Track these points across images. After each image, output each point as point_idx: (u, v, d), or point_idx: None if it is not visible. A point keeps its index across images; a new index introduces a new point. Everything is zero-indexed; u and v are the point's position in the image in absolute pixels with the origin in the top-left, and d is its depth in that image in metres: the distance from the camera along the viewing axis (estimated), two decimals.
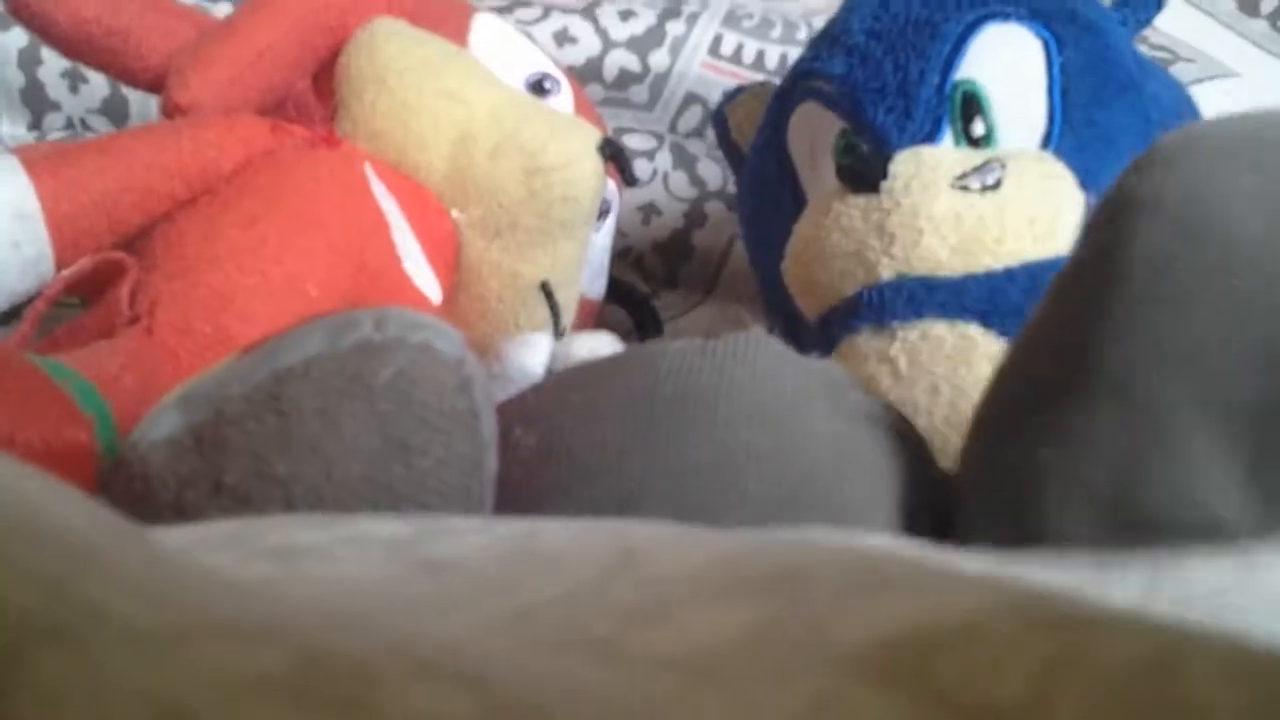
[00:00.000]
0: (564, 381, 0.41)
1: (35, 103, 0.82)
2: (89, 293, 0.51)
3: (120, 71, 0.59)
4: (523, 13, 0.84)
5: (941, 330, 0.51)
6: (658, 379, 0.38)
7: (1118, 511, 0.31)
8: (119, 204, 0.51)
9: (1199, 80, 0.83)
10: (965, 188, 0.52)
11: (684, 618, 0.22)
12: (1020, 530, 0.33)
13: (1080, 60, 0.58)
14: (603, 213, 0.64)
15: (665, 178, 0.84)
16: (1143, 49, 0.84)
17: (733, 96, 0.75)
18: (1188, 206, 0.32)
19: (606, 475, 0.37)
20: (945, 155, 0.54)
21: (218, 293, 0.48)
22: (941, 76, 0.57)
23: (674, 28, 0.85)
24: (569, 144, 0.58)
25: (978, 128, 0.56)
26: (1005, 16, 0.58)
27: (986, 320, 0.51)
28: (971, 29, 0.57)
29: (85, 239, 0.50)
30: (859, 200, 0.54)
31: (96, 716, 0.17)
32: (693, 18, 0.86)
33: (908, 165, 0.53)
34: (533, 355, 0.45)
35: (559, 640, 0.21)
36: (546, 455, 0.39)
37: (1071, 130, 0.56)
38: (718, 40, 0.86)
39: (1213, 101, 0.82)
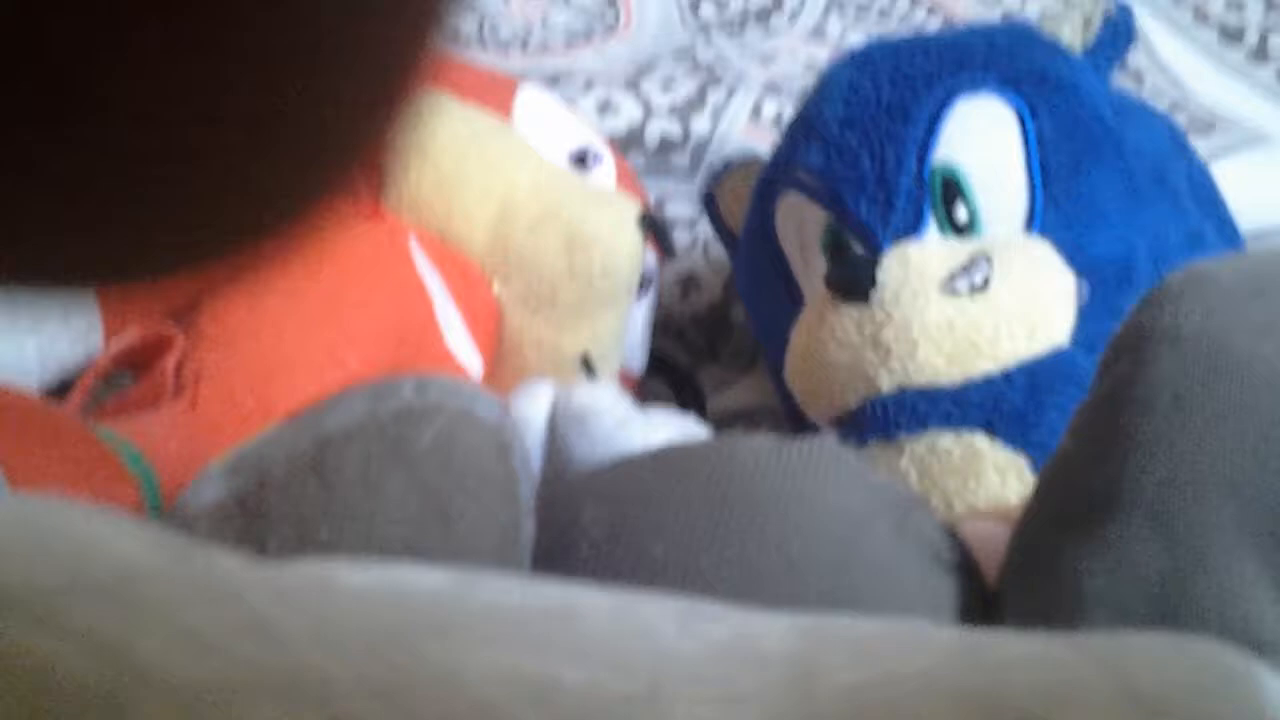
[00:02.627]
0: (641, 466, 0.42)
1: None
2: (137, 364, 0.52)
3: None
4: (566, 86, 0.86)
5: (948, 442, 0.52)
6: (731, 479, 0.39)
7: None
8: None
9: (1240, 147, 0.83)
10: (954, 291, 0.53)
11: None
12: None
13: (1056, 126, 0.58)
14: (643, 286, 0.65)
15: (705, 247, 0.85)
16: (1182, 117, 0.85)
17: (719, 175, 0.75)
18: (1203, 339, 0.35)
19: (672, 568, 0.38)
20: (931, 255, 0.54)
21: (260, 364, 0.50)
22: (919, 162, 0.56)
23: (715, 96, 0.86)
24: (608, 218, 0.59)
25: (961, 213, 0.56)
26: (975, 88, 0.58)
27: (991, 427, 0.52)
28: (943, 106, 0.57)
29: (133, 311, 0.52)
30: (851, 311, 0.54)
31: None
32: (732, 88, 0.87)
33: (895, 272, 0.53)
34: (533, 404, 0.45)
35: None
36: (616, 538, 0.39)
37: (1054, 205, 0.56)
38: (758, 106, 0.87)
39: (1252, 169, 0.82)
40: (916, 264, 0.53)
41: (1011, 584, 0.39)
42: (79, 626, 0.21)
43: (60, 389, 0.51)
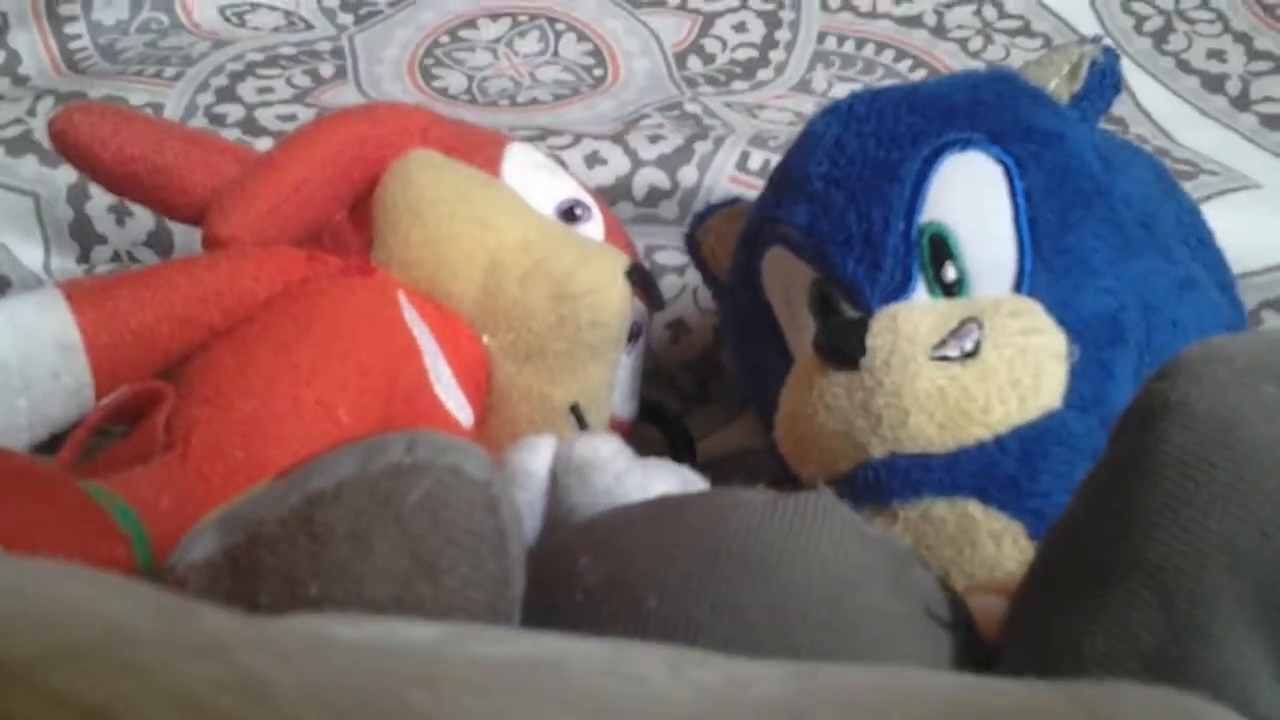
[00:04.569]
0: (636, 518, 0.43)
1: (83, 236, 0.85)
2: (128, 420, 0.53)
3: (163, 206, 0.62)
4: (554, 140, 0.86)
5: (942, 510, 0.52)
6: (725, 532, 0.40)
7: None
8: (157, 334, 0.53)
9: (1222, 192, 0.84)
10: (945, 357, 0.53)
11: None
12: None
13: (1044, 181, 0.57)
14: (633, 336, 0.66)
15: (694, 293, 0.85)
16: (1165, 162, 0.86)
17: (702, 219, 0.74)
18: (1213, 416, 0.35)
19: (665, 621, 0.39)
20: (921, 320, 0.54)
21: (250, 419, 0.50)
22: (906, 221, 0.56)
23: (702, 147, 0.87)
24: (596, 271, 0.60)
25: (949, 273, 0.56)
26: (963, 145, 0.57)
27: (985, 496, 0.51)
28: (930, 164, 0.57)
29: (124, 368, 0.52)
30: (840, 378, 0.54)
31: None
32: (720, 139, 0.87)
33: (884, 338, 0.53)
34: (535, 457, 0.46)
35: None
36: (610, 590, 0.40)
37: (1044, 263, 0.56)
38: (744, 157, 0.88)
39: (1235, 213, 0.82)
40: (906, 329, 0.53)
41: (1009, 643, 0.40)
42: (61, 690, 0.21)
43: (50, 444, 0.51)
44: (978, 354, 0.52)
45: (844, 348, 0.54)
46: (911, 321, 0.54)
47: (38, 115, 0.88)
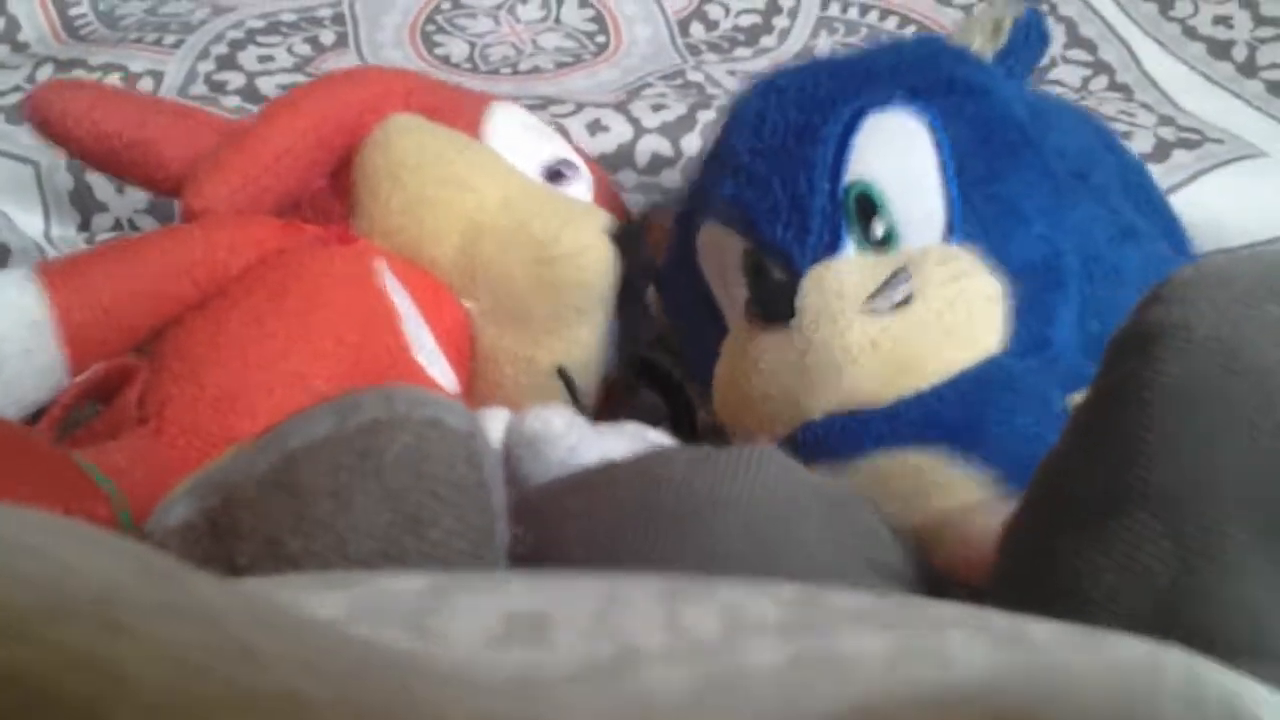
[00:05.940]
0: (567, 486, 0.43)
1: (84, 204, 0.85)
2: (103, 397, 0.53)
3: (143, 180, 0.62)
4: (556, 108, 0.86)
5: (886, 463, 0.51)
6: (656, 488, 0.40)
7: (1168, 632, 0.32)
8: (130, 308, 0.53)
9: (1227, 161, 0.83)
10: (876, 310, 0.52)
11: None
12: None
13: (968, 133, 0.57)
14: (631, 296, 0.64)
15: None
16: (1170, 129, 0.85)
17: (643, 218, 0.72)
18: (1214, 340, 0.34)
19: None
20: (849, 276, 0.53)
21: (224, 391, 0.50)
22: (831, 182, 0.56)
23: (704, 115, 0.87)
24: (577, 231, 0.59)
25: (878, 229, 0.55)
26: (883, 103, 0.57)
27: (925, 443, 0.51)
28: (852, 125, 0.57)
29: (98, 344, 0.52)
30: (772, 339, 0.54)
31: None
32: (723, 108, 0.87)
33: (814, 296, 0.53)
34: (487, 430, 0.46)
35: None
36: (543, 554, 0.40)
37: (973, 211, 0.56)
38: None
39: (1242, 182, 0.82)
40: (833, 285, 0.53)
41: (1003, 585, 0.39)
42: (57, 640, 0.21)
43: (26, 424, 0.51)
44: (910, 304, 0.52)
45: (773, 306, 0.53)
46: (839, 277, 0.53)
47: (37, 82, 0.88)
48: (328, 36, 0.97)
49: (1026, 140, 0.58)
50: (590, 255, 0.59)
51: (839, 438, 0.52)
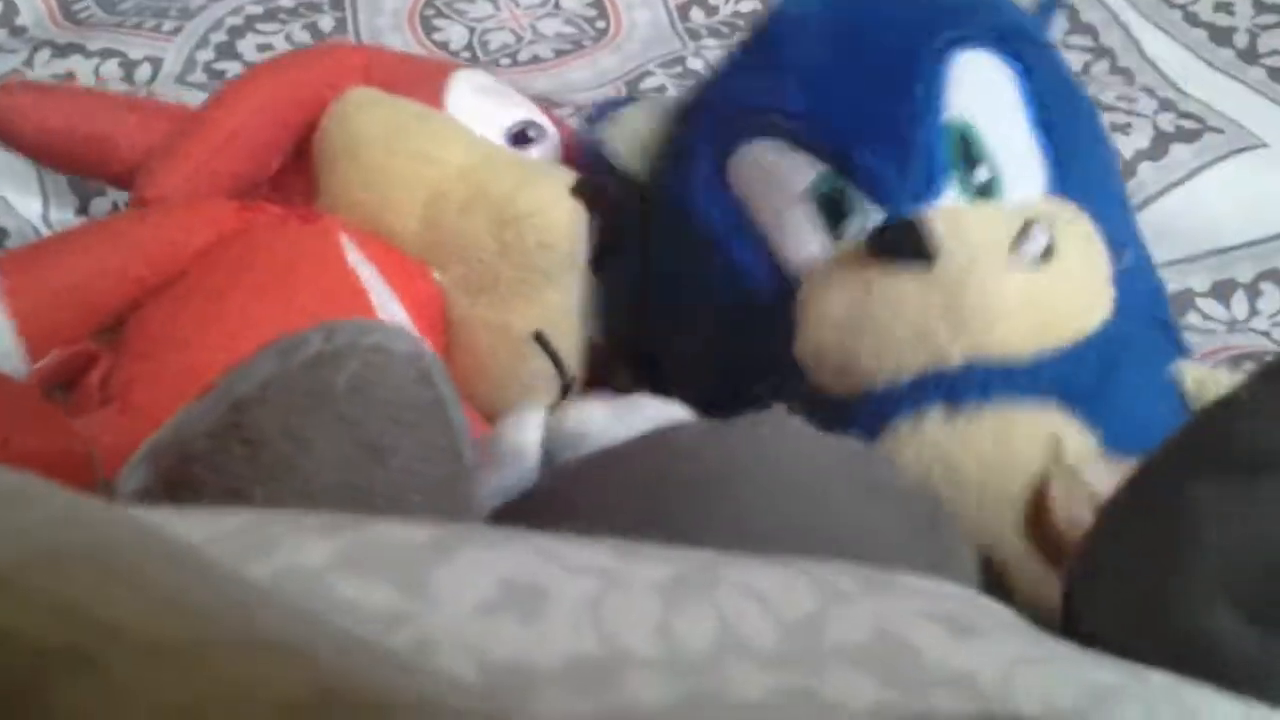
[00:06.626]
0: (583, 469, 0.41)
1: (82, 188, 0.85)
2: (65, 384, 0.53)
3: (100, 174, 0.62)
4: (558, 112, 0.85)
5: (1014, 415, 0.49)
6: (670, 462, 0.39)
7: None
8: (86, 294, 0.53)
9: (1228, 154, 0.82)
10: (1019, 261, 0.50)
11: None
12: (1164, 631, 0.34)
13: (1049, 85, 0.55)
14: (608, 253, 0.63)
15: None
16: (1170, 116, 0.84)
17: (603, 113, 0.65)
18: None
19: None
20: (988, 222, 0.51)
21: (185, 369, 0.50)
22: (932, 116, 0.52)
23: None
24: (538, 191, 0.58)
25: (982, 174, 0.53)
26: (973, 42, 0.54)
27: (1054, 399, 0.49)
28: (944, 57, 0.53)
29: (55, 330, 0.52)
30: (909, 279, 0.50)
31: None
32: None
33: (955, 240, 0.49)
34: (523, 432, 0.44)
35: None
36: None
37: (1068, 172, 0.54)
38: None
39: (1242, 175, 0.81)
40: (978, 233, 0.50)
41: (1119, 515, 0.38)
42: (39, 590, 0.21)
43: None
44: (1050, 259, 0.50)
45: (906, 246, 0.50)
46: (980, 223, 0.51)
47: (35, 66, 0.88)
48: (326, 22, 0.97)
49: (1088, 102, 0.57)
50: (552, 215, 0.58)
51: (978, 384, 0.50)
